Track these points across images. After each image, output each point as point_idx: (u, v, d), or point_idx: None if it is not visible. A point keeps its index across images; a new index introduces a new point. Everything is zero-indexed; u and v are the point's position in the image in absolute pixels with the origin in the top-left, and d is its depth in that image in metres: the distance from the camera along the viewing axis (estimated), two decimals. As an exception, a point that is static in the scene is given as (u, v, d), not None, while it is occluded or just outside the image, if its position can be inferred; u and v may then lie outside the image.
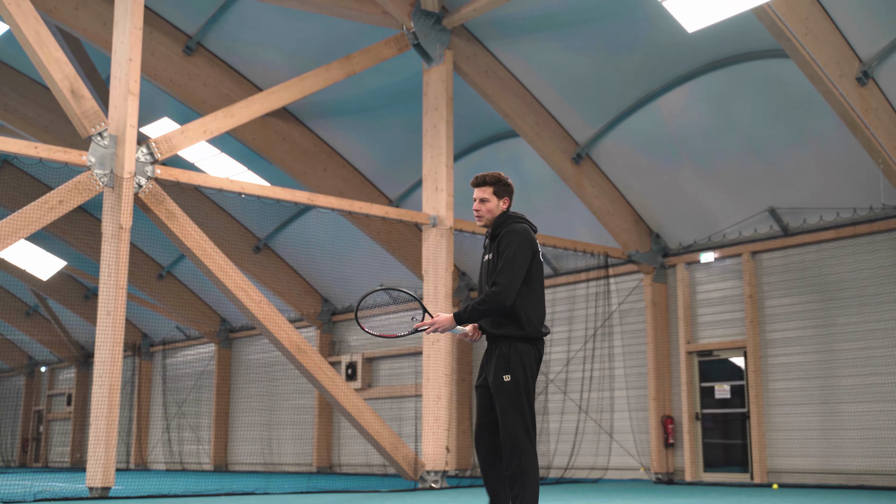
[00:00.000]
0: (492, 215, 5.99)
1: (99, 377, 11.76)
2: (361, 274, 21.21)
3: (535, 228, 6.10)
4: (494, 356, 5.86)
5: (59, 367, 33.43)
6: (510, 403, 5.72)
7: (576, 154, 16.75)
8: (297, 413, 23.85)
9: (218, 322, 26.47)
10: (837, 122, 13.70)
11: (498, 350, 5.84)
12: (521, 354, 5.78)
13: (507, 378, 5.74)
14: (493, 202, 5.98)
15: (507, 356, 5.78)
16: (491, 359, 5.91)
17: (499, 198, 5.99)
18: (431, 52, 15.04)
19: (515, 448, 5.67)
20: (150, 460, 28.59)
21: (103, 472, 11.54)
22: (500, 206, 5.99)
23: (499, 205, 5.98)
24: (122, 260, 11.91)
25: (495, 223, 6.00)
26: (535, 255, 5.91)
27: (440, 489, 14.31)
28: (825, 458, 15.10)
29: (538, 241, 6.05)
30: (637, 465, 17.54)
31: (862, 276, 14.95)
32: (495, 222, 6.00)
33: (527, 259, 5.79)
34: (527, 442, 5.68)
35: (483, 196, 5.98)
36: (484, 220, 6.01)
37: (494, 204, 5.98)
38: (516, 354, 5.77)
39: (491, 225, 6.02)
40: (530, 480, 5.62)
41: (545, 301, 6.02)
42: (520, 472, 5.64)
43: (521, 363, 5.76)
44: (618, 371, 18.00)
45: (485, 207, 5.98)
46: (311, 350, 13.95)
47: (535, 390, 5.95)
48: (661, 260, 17.55)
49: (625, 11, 14.29)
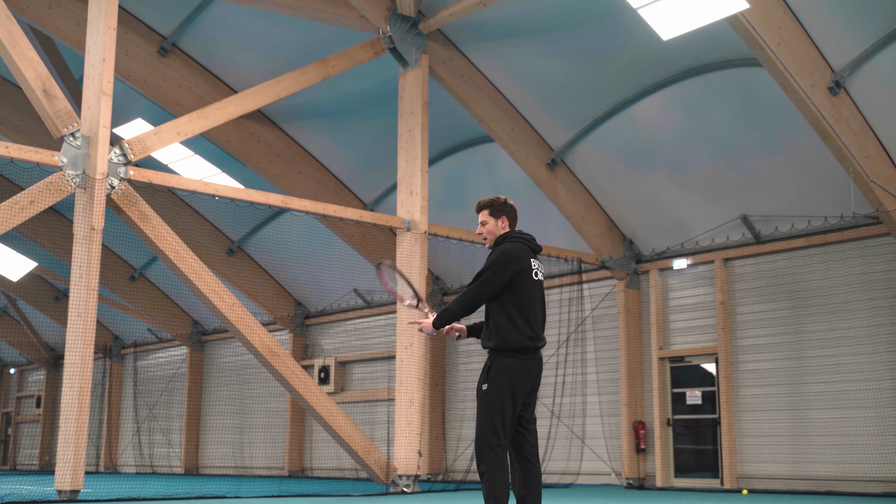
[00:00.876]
0: (493, 235, 6.38)
1: (69, 379, 11.66)
2: (335, 277, 21.18)
3: (536, 248, 6.37)
4: (484, 367, 6.25)
5: (29, 369, 33.12)
6: (483, 411, 6.08)
7: (550, 160, 16.81)
8: (269, 416, 23.76)
9: (190, 325, 26.33)
10: (809, 132, 13.83)
11: (486, 361, 6.24)
12: (502, 366, 6.10)
13: (485, 387, 6.11)
14: (491, 223, 6.37)
15: (489, 367, 6.15)
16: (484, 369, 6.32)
17: (496, 218, 6.37)
18: (407, 57, 15.05)
19: (482, 453, 6.03)
20: (121, 463, 28.38)
21: (72, 475, 11.44)
22: (498, 225, 6.38)
23: (497, 224, 6.37)
24: (93, 261, 11.82)
25: (495, 242, 6.39)
26: (521, 271, 6.17)
27: (412, 493, 14.30)
28: (794, 465, 15.22)
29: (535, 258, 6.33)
30: (608, 471, 17.60)
31: (832, 284, 15.09)
32: (496, 242, 6.39)
33: (501, 275, 6.09)
34: (495, 447, 6.01)
35: (482, 219, 6.41)
36: (488, 242, 6.42)
37: (493, 224, 6.37)
38: (497, 366, 6.11)
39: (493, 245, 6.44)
40: (493, 481, 5.96)
41: (538, 314, 6.22)
42: (484, 473, 6.02)
43: (500, 374, 6.09)
44: (590, 376, 18.06)
45: (485, 229, 6.39)
46: (283, 353, 13.91)
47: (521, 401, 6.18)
48: (634, 266, 17.64)
49: (601, 18, 14.36)
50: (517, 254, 6.17)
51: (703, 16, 12.51)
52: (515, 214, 6.45)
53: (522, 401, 6.15)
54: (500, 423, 6.02)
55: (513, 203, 6.50)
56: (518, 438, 6.22)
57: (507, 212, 6.37)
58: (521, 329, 6.11)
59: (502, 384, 6.05)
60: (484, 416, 6.04)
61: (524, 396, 6.15)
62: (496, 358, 6.12)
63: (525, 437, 6.23)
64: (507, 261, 6.11)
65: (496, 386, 6.05)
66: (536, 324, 6.20)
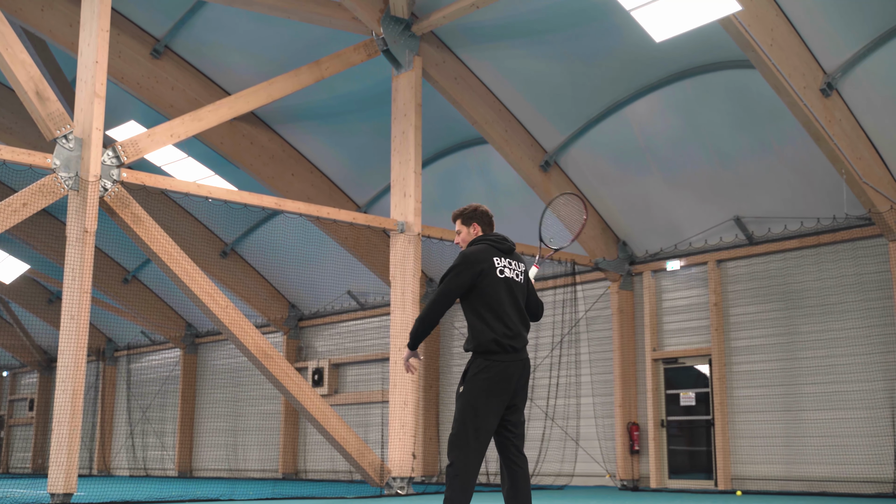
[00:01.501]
0: (466, 243, 6.52)
1: (62, 382, 11.63)
2: (329, 279, 21.17)
3: (505, 247, 6.38)
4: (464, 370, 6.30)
5: (22, 372, 33.03)
6: (458, 412, 6.11)
7: (544, 161, 16.82)
8: (263, 419, 23.73)
9: (184, 327, 26.29)
10: (802, 133, 13.86)
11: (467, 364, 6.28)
12: (478, 368, 6.12)
13: (461, 389, 6.15)
14: (464, 231, 6.53)
15: (466, 369, 6.19)
16: None
17: (467, 226, 6.53)
18: (400, 59, 15.05)
19: (452, 452, 6.03)
20: (114, 466, 28.32)
21: (65, 478, 11.41)
22: (471, 232, 6.53)
23: (469, 231, 6.53)
24: (86, 264, 11.80)
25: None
26: (482, 271, 6.19)
27: (406, 496, 14.29)
28: (788, 466, 15.24)
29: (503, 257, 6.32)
30: (603, 472, 17.61)
31: (825, 286, 15.12)
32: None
33: (459, 279, 6.18)
34: (465, 449, 6.00)
35: (457, 229, 6.59)
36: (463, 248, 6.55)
37: (466, 233, 6.53)
38: (473, 368, 6.15)
39: None
40: (458, 484, 5.95)
41: (511, 312, 6.18)
42: (451, 472, 5.99)
43: (476, 376, 6.10)
44: (584, 378, 18.08)
45: (460, 238, 6.56)
46: (277, 355, 13.89)
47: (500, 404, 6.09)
48: (627, 268, 17.66)
49: (594, 20, 14.38)
50: (476, 255, 6.22)
51: (696, 18, 12.54)
52: (488, 219, 6.52)
53: (504, 403, 6.09)
54: (472, 426, 6.00)
55: (485, 209, 6.55)
56: (503, 442, 6.16)
57: (477, 218, 6.49)
58: (494, 328, 6.10)
59: (477, 386, 6.05)
60: (460, 418, 6.06)
61: (506, 399, 6.09)
62: (474, 360, 6.15)
63: (511, 441, 6.15)
64: (464, 263, 6.19)
65: (471, 388, 6.07)
66: (511, 322, 6.17)
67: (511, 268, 6.31)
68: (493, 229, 6.56)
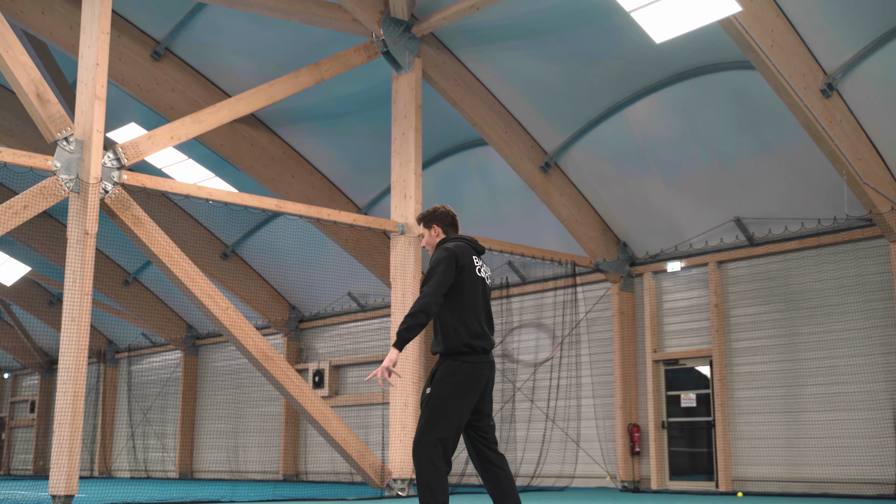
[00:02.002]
0: (431, 246, 6.48)
1: (63, 384, 11.64)
2: (329, 281, 21.16)
3: (478, 248, 6.36)
4: (431, 372, 6.16)
5: (23, 374, 33.04)
6: (424, 414, 5.95)
7: (544, 163, 16.82)
8: (263, 421, 23.73)
9: (184, 329, 26.29)
10: (802, 134, 13.86)
11: (434, 366, 6.14)
12: (448, 370, 5.98)
13: (428, 391, 6.00)
14: (426, 234, 6.49)
15: (434, 371, 6.07)
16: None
17: (427, 228, 6.49)
18: (401, 60, 15.06)
19: (416, 460, 5.87)
20: (115, 468, 28.31)
21: (66, 479, 11.41)
22: (432, 234, 6.48)
23: (430, 234, 6.49)
24: (87, 266, 11.80)
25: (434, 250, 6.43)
26: (464, 267, 6.13)
27: (407, 497, 14.29)
28: (789, 467, 15.23)
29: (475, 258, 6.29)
30: (603, 474, 17.60)
31: (826, 287, 15.12)
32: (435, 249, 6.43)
33: (450, 272, 6.04)
34: (431, 453, 5.84)
35: (419, 233, 6.69)
36: (431, 252, 6.49)
37: (428, 235, 6.49)
38: (442, 370, 6.02)
39: None
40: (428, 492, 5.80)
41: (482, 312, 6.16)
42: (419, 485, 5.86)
43: (445, 379, 5.97)
44: (585, 379, 18.07)
45: (424, 241, 6.53)
46: (278, 357, 13.90)
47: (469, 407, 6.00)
48: (628, 269, 17.65)
49: (593, 21, 14.38)
50: (458, 250, 6.14)
51: (696, 19, 12.53)
52: (450, 220, 6.46)
53: (472, 406, 5.97)
54: (443, 430, 5.84)
55: (447, 210, 6.48)
56: (479, 449, 6.07)
57: (437, 219, 6.44)
58: (469, 329, 6.01)
59: (445, 389, 5.91)
60: (427, 421, 5.87)
61: (474, 401, 5.98)
62: (442, 362, 5.99)
63: (485, 445, 6.07)
64: (451, 257, 6.06)
65: (438, 391, 5.90)
66: (483, 323, 6.10)
67: (484, 269, 6.31)
68: (458, 230, 6.48)
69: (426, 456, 5.83)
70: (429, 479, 5.79)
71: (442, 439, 5.86)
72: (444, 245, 6.25)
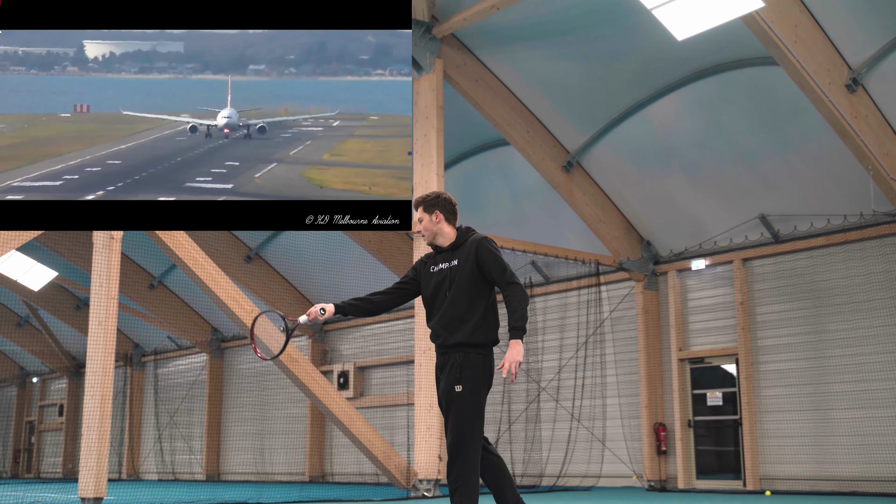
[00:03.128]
0: (430, 232, 6.27)
1: (91, 387, 11.74)
2: (353, 283, 21.19)
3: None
4: (447, 366, 5.96)
5: (51, 378, 33.32)
6: (459, 413, 5.79)
7: (566, 162, 16.79)
8: (289, 422, 23.81)
9: (209, 332, 26.43)
10: (827, 130, 13.75)
11: (451, 360, 5.94)
12: (473, 364, 5.86)
13: (459, 388, 5.84)
14: (426, 219, 6.27)
15: (461, 366, 5.88)
16: (444, 369, 6.00)
17: (429, 213, 6.27)
18: (421, 61, 15.07)
19: (459, 456, 5.73)
20: (143, 470, 28.51)
21: (95, 482, 11.51)
22: (433, 220, 6.26)
23: (431, 220, 6.26)
24: (113, 270, 11.90)
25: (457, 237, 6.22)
26: None
27: (433, 497, 14.30)
28: (817, 465, 15.12)
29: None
30: (630, 473, 17.54)
31: (853, 283, 14.99)
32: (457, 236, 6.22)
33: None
34: (472, 452, 5.74)
35: (418, 216, 6.33)
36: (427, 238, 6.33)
37: (428, 221, 6.27)
38: (469, 364, 5.86)
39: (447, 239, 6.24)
40: (471, 490, 5.70)
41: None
42: (461, 479, 5.71)
43: (472, 373, 5.84)
44: (610, 379, 18.01)
45: (422, 226, 6.30)
46: (302, 359, 13.95)
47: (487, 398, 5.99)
48: (652, 267, 17.58)
49: (614, 20, 14.33)
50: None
51: (718, 15, 12.45)
52: (452, 208, 6.27)
53: None
54: (479, 425, 5.79)
55: (449, 197, 6.32)
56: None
57: (440, 206, 6.24)
58: (497, 322, 6.04)
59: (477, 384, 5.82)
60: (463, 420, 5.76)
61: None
62: (467, 355, 5.87)
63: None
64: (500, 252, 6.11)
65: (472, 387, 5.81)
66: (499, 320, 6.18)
67: None
68: (458, 220, 6.32)
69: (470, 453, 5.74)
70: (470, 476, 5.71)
71: (480, 434, 5.82)
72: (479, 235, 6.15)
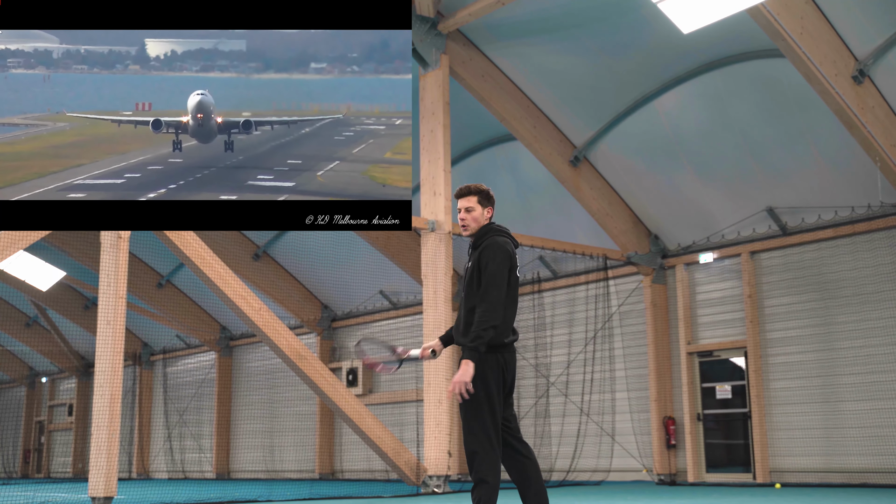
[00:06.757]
0: (477, 224, 6.08)
1: (100, 387, 11.76)
2: (361, 280, 21.22)
3: (517, 243, 6.18)
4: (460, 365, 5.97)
5: (60, 378, 33.41)
6: (472, 413, 5.80)
7: (573, 157, 16.77)
8: (298, 420, 23.84)
9: (218, 330, 26.47)
10: (834, 121, 13.71)
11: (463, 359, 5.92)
12: (483, 364, 5.80)
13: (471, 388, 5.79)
14: (478, 211, 6.07)
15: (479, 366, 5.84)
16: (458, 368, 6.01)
17: (483, 207, 6.08)
18: (427, 57, 15.06)
19: (477, 455, 5.74)
20: (153, 469, 28.57)
21: (105, 481, 11.54)
22: (484, 214, 6.08)
23: (483, 213, 6.08)
24: (121, 269, 11.92)
25: (479, 233, 6.08)
26: (512, 269, 5.99)
27: (443, 493, 14.31)
28: (827, 457, 15.09)
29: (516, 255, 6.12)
30: (639, 467, 17.54)
31: (861, 275, 14.96)
32: (479, 232, 6.09)
33: (506, 274, 5.88)
34: (489, 450, 5.75)
35: (468, 205, 6.07)
36: (469, 230, 6.11)
37: (480, 213, 6.07)
38: (483, 366, 5.81)
39: (475, 234, 6.10)
40: (490, 487, 5.71)
41: (515, 309, 6.06)
42: (480, 479, 5.73)
43: (483, 372, 5.79)
44: (619, 373, 18.00)
45: (470, 216, 6.06)
46: (311, 356, 13.96)
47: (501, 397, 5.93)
48: (660, 261, 17.55)
49: (620, 14, 14.31)
50: (510, 249, 6.00)
51: (724, 8, 12.41)
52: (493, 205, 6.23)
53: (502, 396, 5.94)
54: (493, 423, 5.79)
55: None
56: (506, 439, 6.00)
57: (492, 202, 6.13)
58: (510, 324, 5.95)
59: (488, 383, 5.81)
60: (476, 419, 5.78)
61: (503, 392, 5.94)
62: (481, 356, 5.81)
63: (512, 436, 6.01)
64: (508, 259, 5.91)
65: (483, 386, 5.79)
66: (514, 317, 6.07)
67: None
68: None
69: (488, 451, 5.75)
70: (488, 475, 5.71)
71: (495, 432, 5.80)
72: (498, 239, 6.01)
